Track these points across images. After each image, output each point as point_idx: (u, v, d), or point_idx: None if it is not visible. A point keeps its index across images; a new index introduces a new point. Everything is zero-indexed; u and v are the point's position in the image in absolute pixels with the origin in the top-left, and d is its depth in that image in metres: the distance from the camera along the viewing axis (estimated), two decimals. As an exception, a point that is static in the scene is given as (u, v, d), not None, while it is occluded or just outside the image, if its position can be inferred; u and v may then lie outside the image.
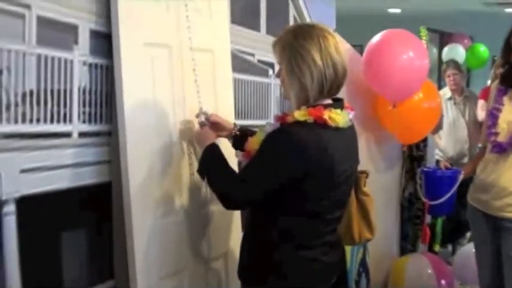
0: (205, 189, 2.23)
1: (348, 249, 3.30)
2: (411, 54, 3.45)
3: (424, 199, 3.34)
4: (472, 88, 6.32)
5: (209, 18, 2.31)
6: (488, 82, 4.72)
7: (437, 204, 3.36)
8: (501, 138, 2.79)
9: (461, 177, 3.20)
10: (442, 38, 10.09)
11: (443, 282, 3.99)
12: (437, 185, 3.41)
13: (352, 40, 3.88)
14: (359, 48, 3.89)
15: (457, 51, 7.91)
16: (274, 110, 2.64)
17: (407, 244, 4.40)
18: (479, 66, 8.42)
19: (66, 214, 1.94)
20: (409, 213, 4.35)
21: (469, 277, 3.94)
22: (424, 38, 4.68)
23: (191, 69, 2.17)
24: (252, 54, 2.48)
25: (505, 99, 2.83)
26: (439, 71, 8.96)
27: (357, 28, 5.88)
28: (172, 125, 2.14)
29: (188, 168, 2.21)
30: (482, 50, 8.29)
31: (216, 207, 2.32)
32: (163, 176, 2.11)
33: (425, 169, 3.40)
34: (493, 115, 2.84)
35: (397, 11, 10.44)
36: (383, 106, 3.74)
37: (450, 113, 5.41)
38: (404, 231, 4.39)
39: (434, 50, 8.48)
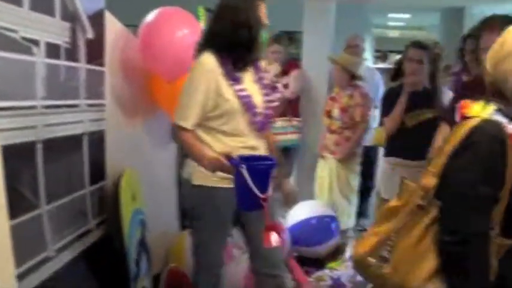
0: None
1: (126, 230, 3.29)
2: (185, 31, 3.53)
3: None
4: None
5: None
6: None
7: None
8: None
9: None
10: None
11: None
12: None
13: (126, 20, 3.84)
14: (134, 28, 3.86)
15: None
16: (40, 91, 2.48)
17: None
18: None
19: None
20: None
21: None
22: (202, 18, 4.84)
23: None
24: (15, 31, 2.31)
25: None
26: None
27: (130, 7, 5.82)
28: None
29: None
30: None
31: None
32: None
33: None
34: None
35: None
36: (158, 85, 3.79)
37: None
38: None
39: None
